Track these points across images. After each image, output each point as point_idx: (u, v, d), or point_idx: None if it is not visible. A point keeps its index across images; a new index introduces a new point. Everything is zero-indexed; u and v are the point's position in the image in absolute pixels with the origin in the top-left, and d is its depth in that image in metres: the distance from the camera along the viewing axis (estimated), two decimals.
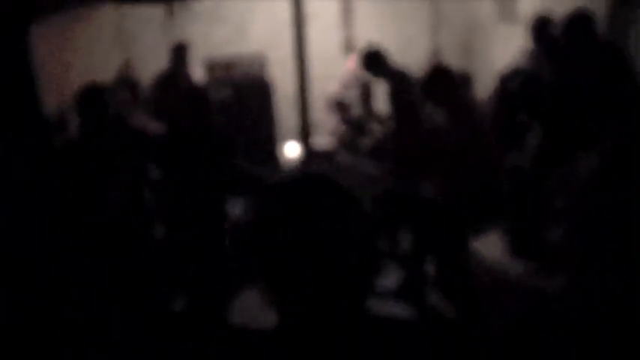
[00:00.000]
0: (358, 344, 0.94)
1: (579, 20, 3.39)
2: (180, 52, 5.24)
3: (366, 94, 5.36)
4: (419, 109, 3.82)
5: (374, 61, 4.59)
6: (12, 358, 1.98)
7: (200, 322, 3.26)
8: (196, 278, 3.31)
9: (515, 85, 3.70)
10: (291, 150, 5.55)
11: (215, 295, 3.23)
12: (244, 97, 5.24)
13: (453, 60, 6.35)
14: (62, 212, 2.91)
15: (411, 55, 5.78)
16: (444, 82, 3.37)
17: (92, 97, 3.33)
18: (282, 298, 0.90)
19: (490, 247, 2.61)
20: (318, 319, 0.90)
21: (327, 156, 5.17)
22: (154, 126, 4.38)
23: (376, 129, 5.20)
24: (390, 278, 2.54)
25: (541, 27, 3.92)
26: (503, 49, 5.47)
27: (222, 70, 5.71)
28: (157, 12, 6.20)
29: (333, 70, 5.95)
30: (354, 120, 5.23)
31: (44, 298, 2.14)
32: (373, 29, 6.30)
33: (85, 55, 5.15)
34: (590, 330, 1.98)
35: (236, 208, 3.63)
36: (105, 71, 5.12)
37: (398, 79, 4.49)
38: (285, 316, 0.93)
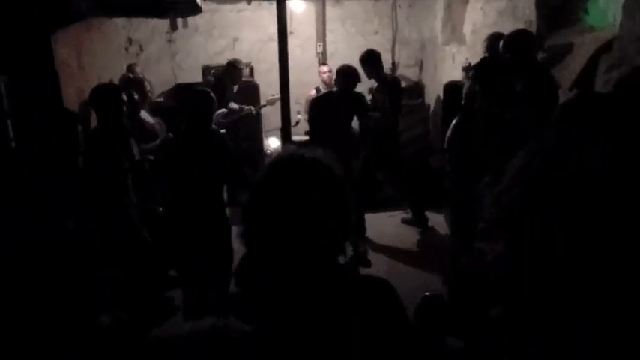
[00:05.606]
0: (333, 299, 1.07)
1: (518, 37, 3.65)
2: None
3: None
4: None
5: (372, 58, 5.20)
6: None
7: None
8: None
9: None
10: (273, 143, 6.56)
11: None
12: (241, 96, 5.83)
13: (408, 73, 7.39)
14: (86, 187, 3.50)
15: None
16: None
17: (109, 93, 3.75)
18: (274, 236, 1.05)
19: None
20: (302, 264, 1.05)
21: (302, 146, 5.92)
22: (157, 122, 4.92)
23: None
24: None
25: (494, 42, 4.14)
26: (449, 65, 6.25)
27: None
28: (162, 25, 6.82)
29: (309, 77, 6.62)
30: None
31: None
32: (343, 45, 7.09)
33: (98, 59, 5.38)
34: None
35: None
36: (114, 73, 5.52)
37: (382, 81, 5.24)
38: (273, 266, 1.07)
